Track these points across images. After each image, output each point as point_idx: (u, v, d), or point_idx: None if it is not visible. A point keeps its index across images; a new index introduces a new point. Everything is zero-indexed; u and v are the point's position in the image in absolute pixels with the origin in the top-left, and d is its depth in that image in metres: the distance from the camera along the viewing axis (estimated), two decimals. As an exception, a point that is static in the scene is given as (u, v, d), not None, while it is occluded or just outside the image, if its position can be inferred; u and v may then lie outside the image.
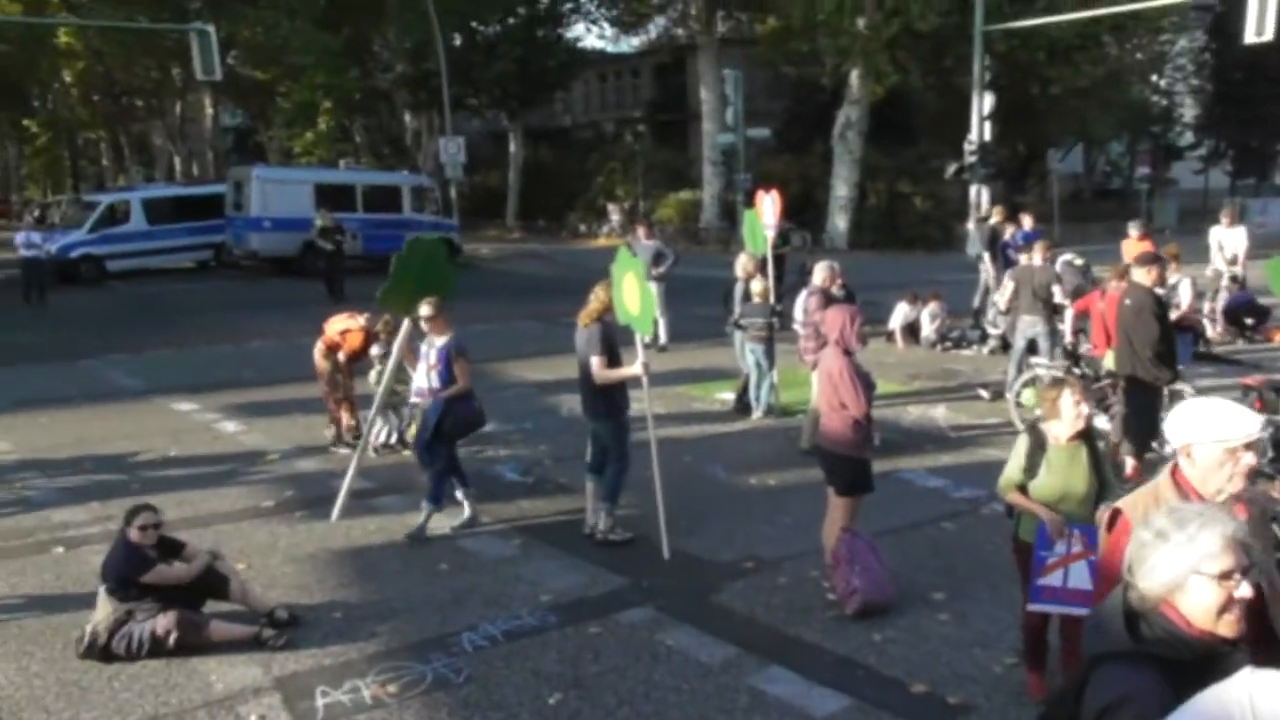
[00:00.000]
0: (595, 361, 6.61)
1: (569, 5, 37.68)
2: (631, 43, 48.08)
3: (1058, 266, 11.85)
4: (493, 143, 52.02)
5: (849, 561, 5.76)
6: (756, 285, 10.29)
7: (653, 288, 13.98)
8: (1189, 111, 49.05)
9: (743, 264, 10.70)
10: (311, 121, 39.18)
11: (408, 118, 42.06)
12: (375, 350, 9.07)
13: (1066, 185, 43.81)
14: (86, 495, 8.04)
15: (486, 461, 8.94)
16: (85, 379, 12.93)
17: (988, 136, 23.73)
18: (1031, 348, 10.36)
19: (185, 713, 4.73)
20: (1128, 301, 7.44)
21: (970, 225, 24.43)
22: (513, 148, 39.96)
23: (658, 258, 14.02)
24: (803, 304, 9.50)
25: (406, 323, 7.43)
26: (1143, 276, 7.37)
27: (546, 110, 47.21)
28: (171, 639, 5.12)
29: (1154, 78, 45.57)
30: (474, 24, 36.19)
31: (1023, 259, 11.07)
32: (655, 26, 45.00)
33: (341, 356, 8.99)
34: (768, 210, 10.93)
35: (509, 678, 5.04)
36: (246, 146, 55.98)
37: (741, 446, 9.29)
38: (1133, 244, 12.91)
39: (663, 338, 14.15)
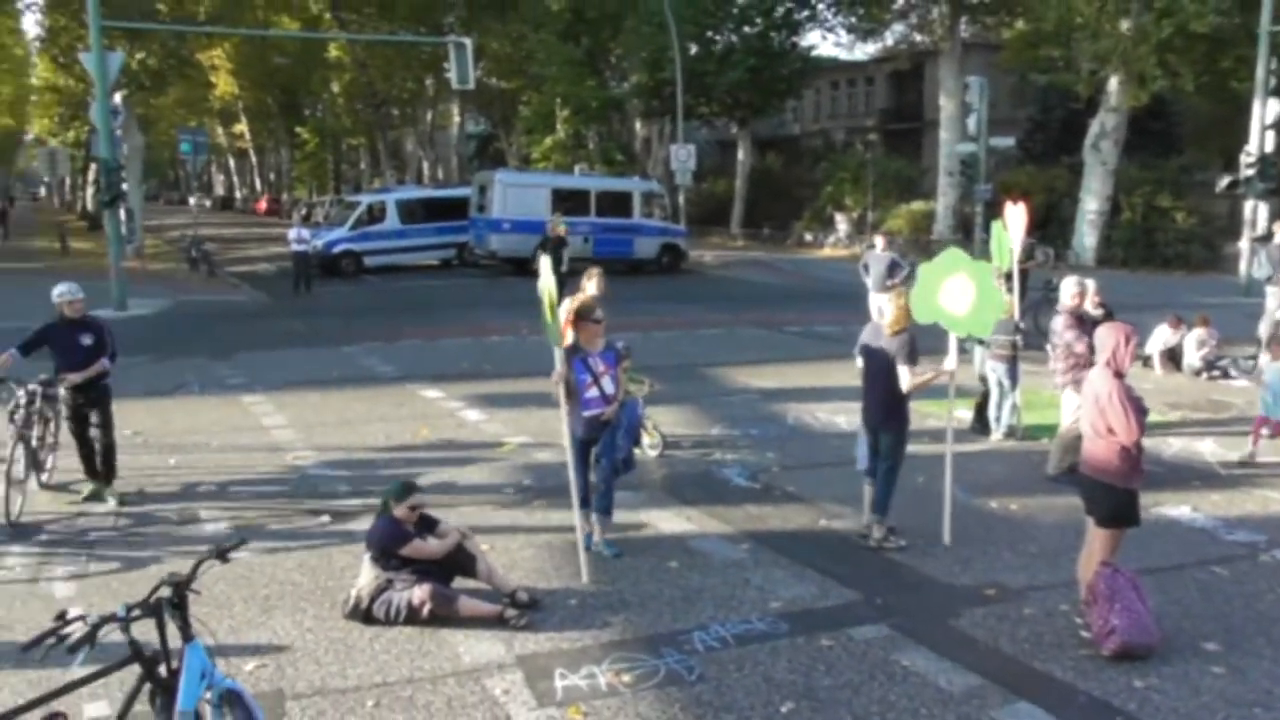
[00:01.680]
0: (904, 370, 6.61)
1: (805, 13, 37.38)
2: (866, 50, 47.11)
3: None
4: (719, 150, 52.50)
5: (1108, 598, 5.34)
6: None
7: (885, 298, 13.78)
8: None
9: (986, 278, 10.18)
10: (550, 129, 40.93)
11: (638, 125, 43.18)
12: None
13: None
14: (349, 469, 8.71)
15: (714, 464, 8.96)
16: (346, 364, 14.05)
17: (1269, 147, 21.52)
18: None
19: (437, 679, 5.00)
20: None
21: (1243, 244, 22.31)
22: (740, 155, 40.09)
23: (893, 269, 13.67)
24: (1052, 323, 8.93)
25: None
26: None
27: (775, 118, 47.13)
28: (426, 610, 5.44)
29: None
30: (709, 34, 36.59)
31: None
32: (893, 33, 43.95)
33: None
34: (1015, 223, 10.29)
35: (740, 681, 5.01)
36: (487, 152, 59.29)
37: (981, 468, 8.84)
38: None
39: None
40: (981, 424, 10.04)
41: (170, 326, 18.02)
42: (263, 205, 67.45)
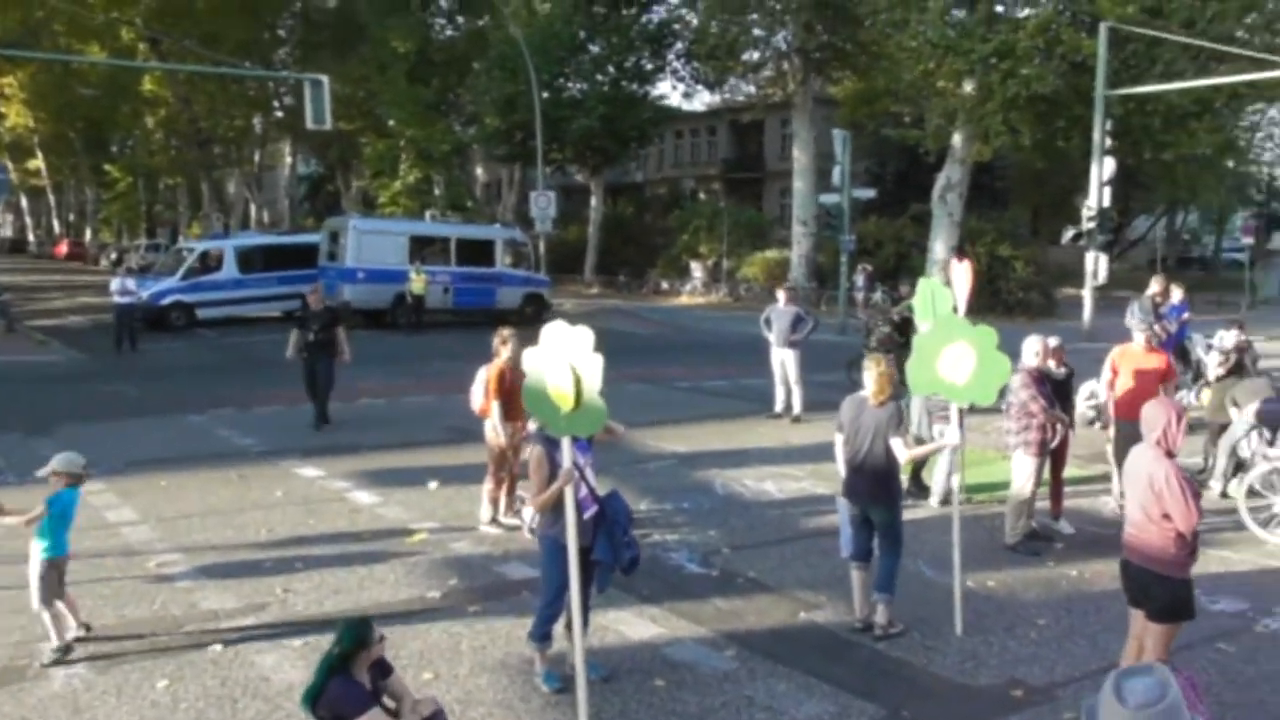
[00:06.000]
0: (898, 442, 6.15)
1: (658, 63, 37.54)
2: (705, 100, 47.90)
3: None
4: (566, 197, 52.00)
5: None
6: (940, 358, 9.34)
7: (790, 354, 13.29)
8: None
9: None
10: (395, 172, 39.26)
11: (479, 171, 42.09)
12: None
13: (1143, 253, 42.52)
14: (231, 576, 7.23)
15: (657, 546, 8.04)
16: (196, 436, 12.26)
17: (1106, 202, 22.72)
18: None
19: None
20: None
21: (1085, 293, 23.43)
22: (593, 202, 39.65)
23: (796, 323, 13.21)
24: (1010, 381, 8.51)
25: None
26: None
27: (621, 167, 47.13)
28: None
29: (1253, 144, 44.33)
30: (562, 79, 36.12)
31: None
32: (732, 87, 44.67)
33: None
34: (961, 279, 9.82)
35: None
36: (320, 195, 56.67)
37: (935, 537, 8.25)
38: None
39: (796, 408, 13.28)
40: (918, 487, 9.56)
41: (-30, 394, 15.52)
42: (63, 249, 61.94)
